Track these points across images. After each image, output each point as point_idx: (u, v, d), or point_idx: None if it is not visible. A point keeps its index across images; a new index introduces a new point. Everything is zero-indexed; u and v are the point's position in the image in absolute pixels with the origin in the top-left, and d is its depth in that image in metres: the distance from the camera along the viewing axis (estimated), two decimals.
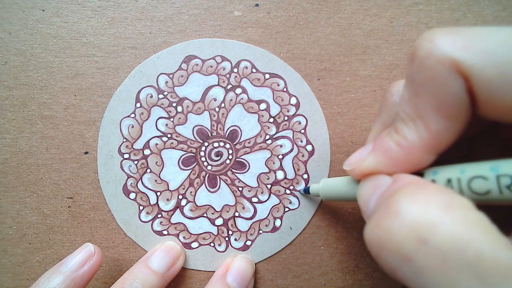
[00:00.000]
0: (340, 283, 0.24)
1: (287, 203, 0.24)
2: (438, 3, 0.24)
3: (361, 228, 0.24)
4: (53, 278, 0.19)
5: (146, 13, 0.24)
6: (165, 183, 0.24)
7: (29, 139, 0.24)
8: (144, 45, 0.24)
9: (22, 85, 0.24)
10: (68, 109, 0.24)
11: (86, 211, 0.24)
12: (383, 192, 0.14)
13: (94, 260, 0.21)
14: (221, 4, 0.24)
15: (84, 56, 0.24)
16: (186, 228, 0.23)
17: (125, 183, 0.23)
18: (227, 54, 0.24)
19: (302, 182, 0.24)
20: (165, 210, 0.23)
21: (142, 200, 0.23)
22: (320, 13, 0.24)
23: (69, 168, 0.24)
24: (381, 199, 0.14)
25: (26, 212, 0.23)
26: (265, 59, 0.24)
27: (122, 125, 0.23)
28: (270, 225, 0.24)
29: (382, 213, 0.12)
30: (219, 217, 0.24)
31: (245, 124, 0.24)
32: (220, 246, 0.23)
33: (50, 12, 0.24)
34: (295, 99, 0.24)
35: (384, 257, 0.12)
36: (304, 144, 0.24)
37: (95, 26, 0.24)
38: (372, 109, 0.24)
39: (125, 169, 0.23)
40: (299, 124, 0.24)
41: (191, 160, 0.24)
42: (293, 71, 0.24)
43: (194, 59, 0.24)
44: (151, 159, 0.24)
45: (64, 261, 0.21)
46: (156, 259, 0.22)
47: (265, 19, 0.24)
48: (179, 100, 0.24)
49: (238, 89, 0.24)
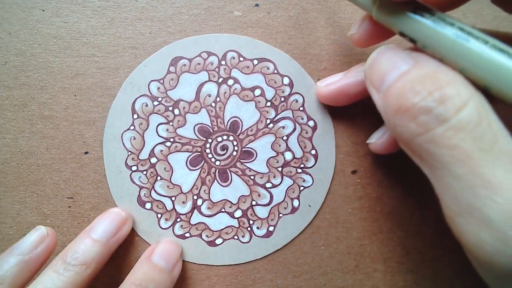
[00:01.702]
0: (340, 283, 0.24)
1: (300, 182, 0.24)
2: None
3: (361, 228, 0.24)
4: (5, 261, 0.19)
5: (146, 13, 0.24)
6: (178, 186, 0.24)
7: (29, 139, 0.24)
8: (144, 45, 0.24)
9: (22, 85, 0.24)
10: (68, 109, 0.24)
11: (86, 211, 0.24)
12: (405, 72, 0.15)
13: (48, 241, 0.20)
14: (221, 4, 0.24)
15: (84, 56, 0.24)
16: (207, 227, 0.23)
17: (139, 194, 0.23)
18: (212, 48, 0.24)
19: (311, 159, 0.24)
20: (183, 213, 0.23)
21: (159, 208, 0.23)
22: (320, 13, 0.24)
23: (69, 168, 0.24)
24: (401, 82, 0.15)
25: (26, 212, 0.23)
26: (251, 46, 0.24)
27: (123, 139, 0.23)
28: (288, 207, 0.24)
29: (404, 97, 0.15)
30: (237, 209, 0.24)
31: (244, 113, 0.24)
32: (244, 237, 0.24)
33: (50, 12, 0.24)
34: (288, 79, 0.24)
35: (405, 122, 0.14)
36: (305, 121, 0.24)
37: (95, 26, 0.24)
38: (372, 109, 0.24)
39: (136, 181, 0.23)
40: (297, 102, 0.24)
41: (199, 159, 0.24)
42: (280, 52, 0.24)
43: (180, 60, 0.24)
44: (159, 166, 0.24)
45: (16, 243, 0.20)
46: (98, 228, 0.21)
47: (265, 19, 0.24)
48: (175, 103, 0.24)
49: (230, 80, 0.24)
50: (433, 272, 0.24)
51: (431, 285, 0.24)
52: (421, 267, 0.24)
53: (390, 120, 0.15)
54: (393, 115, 0.15)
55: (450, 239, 0.24)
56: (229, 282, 0.23)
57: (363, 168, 0.24)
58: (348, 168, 0.24)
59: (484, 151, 0.13)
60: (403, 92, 0.15)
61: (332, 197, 0.24)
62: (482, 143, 0.13)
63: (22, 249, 0.20)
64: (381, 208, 0.24)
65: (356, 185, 0.24)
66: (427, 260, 0.24)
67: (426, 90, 0.14)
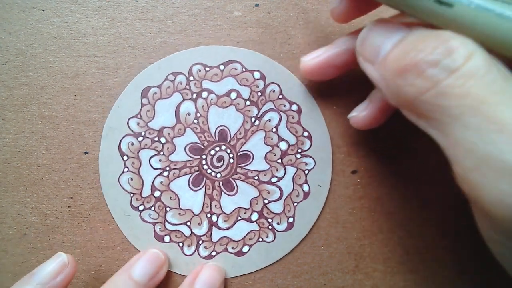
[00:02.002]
0: (340, 283, 0.24)
1: (303, 166, 0.24)
2: None
3: (361, 228, 0.24)
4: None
5: (146, 13, 0.24)
6: (189, 210, 0.24)
7: (29, 139, 0.24)
8: (144, 45, 0.24)
9: (22, 85, 0.24)
10: (68, 109, 0.24)
11: (86, 211, 0.24)
12: (403, 38, 0.15)
13: (68, 271, 0.20)
14: (221, 4, 0.24)
15: (84, 56, 0.24)
16: (230, 239, 0.24)
17: (154, 231, 0.23)
18: (176, 68, 0.24)
19: (306, 141, 0.24)
20: (202, 234, 0.23)
21: (177, 237, 0.23)
22: (320, 13, 0.24)
23: (69, 168, 0.24)
24: (403, 43, 0.15)
25: (26, 212, 0.23)
26: (212, 53, 0.24)
27: (121, 183, 0.23)
28: (300, 193, 0.24)
29: (418, 39, 0.15)
30: (253, 213, 0.24)
31: (227, 120, 0.24)
32: (267, 237, 0.24)
33: (50, 12, 0.24)
34: (258, 73, 0.24)
35: (410, 80, 0.14)
36: (288, 107, 0.24)
37: (95, 26, 0.24)
38: None
39: (147, 219, 0.23)
40: (274, 92, 0.24)
41: (199, 178, 0.24)
42: (242, 49, 0.24)
43: (150, 90, 0.24)
44: (165, 197, 0.24)
45: (36, 271, 0.20)
46: (138, 268, 0.21)
47: (265, 19, 0.24)
48: (159, 132, 0.24)
49: (204, 92, 0.24)
50: (433, 272, 0.24)
51: (431, 285, 0.24)
52: (421, 267, 0.24)
53: (391, 85, 0.15)
54: (395, 76, 0.15)
55: (450, 239, 0.24)
56: (229, 282, 0.23)
57: (363, 168, 0.24)
58: (348, 168, 0.24)
59: (498, 94, 0.13)
60: (405, 52, 0.15)
61: (332, 197, 0.24)
62: (495, 87, 0.13)
63: (41, 278, 0.19)
64: (381, 208, 0.24)
65: (356, 185, 0.24)
66: (427, 260, 0.24)
67: (430, 46, 0.14)
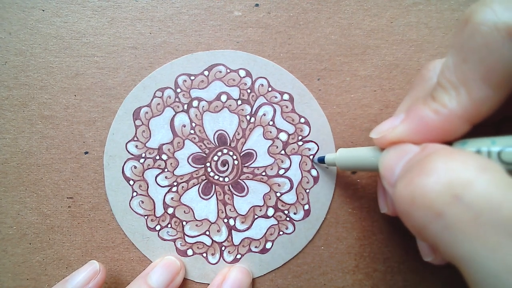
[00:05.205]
0: (340, 283, 0.24)
1: (307, 152, 0.24)
2: (438, 3, 0.24)
3: (361, 228, 0.24)
4: None
5: (146, 13, 0.24)
6: (205, 220, 0.24)
7: (29, 139, 0.24)
8: (144, 45, 0.24)
9: (22, 85, 0.24)
10: (68, 109, 0.24)
11: (86, 211, 0.24)
12: (412, 157, 0.14)
13: (99, 278, 0.21)
14: (221, 4, 0.24)
15: (84, 56, 0.24)
16: (252, 239, 0.24)
17: (176, 247, 0.24)
18: (161, 83, 0.24)
19: (305, 127, 0.24)
20: (223, 240, 0.24)
21: (199, 248, 0.24)
22: (320, 13, 0.24)
23: (69, 168, 0.24)
24: (409, 164, 0.14)
25: (26, 212, 0.23)
26: (193, 61, 0.24)
27: (133, 207, 0.24)
28: (310, 179, 0.24)
29: (416, 171, 0.13)
30: (268, 208, 0.24)
31: (223, 123, 0.24)
32: (287, 229, 0.24)
33: (50, 12, 0.24)
34: (243, 71, 0.24)
35: (415, 213, 0.12)
36: (279, 98, 0.24)
37: (95, 26, 0.24)
38: (372, 109, 0.24)
39: (166, 237, 0.24)
40: (263, 86, 0.24)
41: (208, 186, 0.24)
42: (222, 51, 0.24)
43: (141, 110, 0.24)
44: (179, 212, 0.24)
45: (69, 277, 0.21)
46: (155, 275, 0.22)
47: (265, 19, 0.24)
48: (158, 150, 0.24)
49: (194, 101, 0.24)
50: (433, 272, 0.24)
51: (431, 285, 0.24)
52: (421, 267, 0.24)
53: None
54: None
55: None
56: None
57: None
58: None
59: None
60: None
61: (332, 197, 0.24)
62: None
63: (75, 284, 0.21)
64: None
65: (356, 185, 0.24)
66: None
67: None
